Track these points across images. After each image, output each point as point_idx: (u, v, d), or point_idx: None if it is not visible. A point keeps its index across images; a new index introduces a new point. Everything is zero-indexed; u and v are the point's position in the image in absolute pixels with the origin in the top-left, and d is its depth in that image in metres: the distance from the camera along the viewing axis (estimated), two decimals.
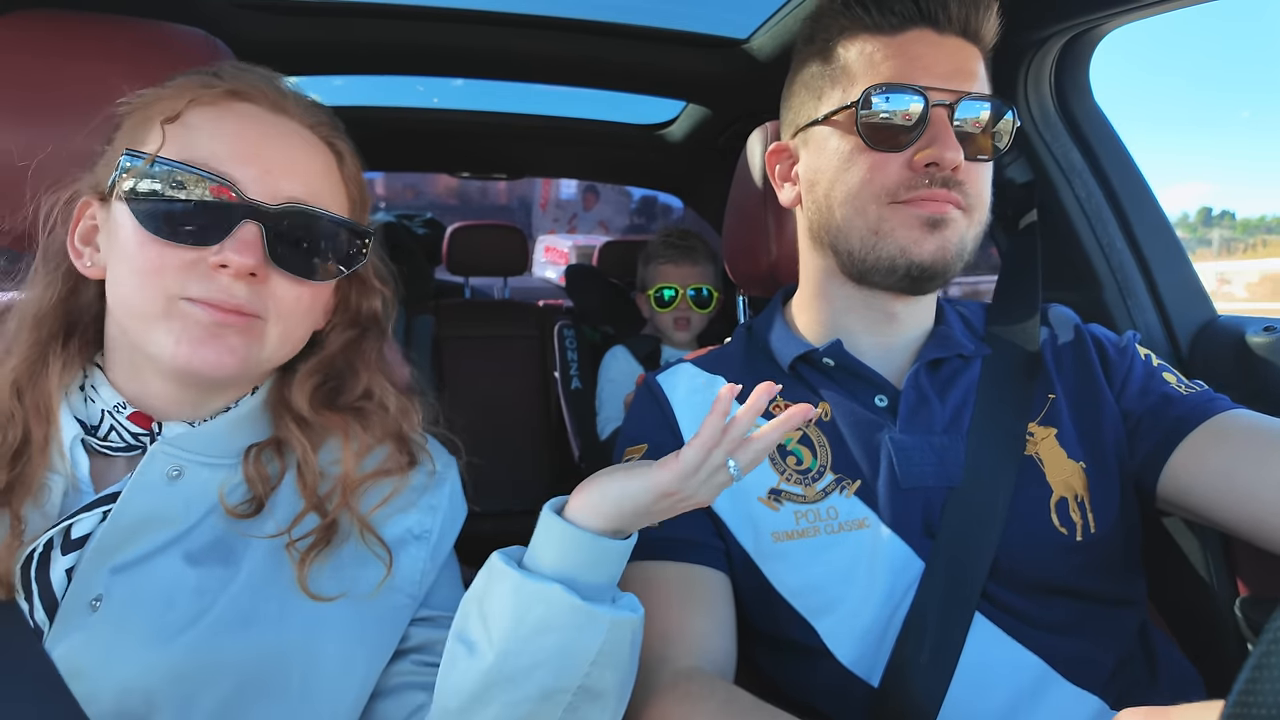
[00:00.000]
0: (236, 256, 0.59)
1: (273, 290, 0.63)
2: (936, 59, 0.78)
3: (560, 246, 7.74)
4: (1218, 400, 0.80)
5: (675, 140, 2.28)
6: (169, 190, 0.60)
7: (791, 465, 0.81)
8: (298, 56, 1.64)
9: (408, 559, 0.71)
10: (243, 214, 0.61)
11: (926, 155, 0.76)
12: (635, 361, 2.08)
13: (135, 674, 0.58)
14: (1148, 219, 1.16)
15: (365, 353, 0.74)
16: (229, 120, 0.63)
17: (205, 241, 0.60)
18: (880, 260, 0.79)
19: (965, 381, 0.84)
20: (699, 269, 2.10)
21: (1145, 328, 1.12)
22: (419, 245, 2.91)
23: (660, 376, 0.93)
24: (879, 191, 0.78)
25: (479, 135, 2.32)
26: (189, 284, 0.60)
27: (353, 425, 0.71)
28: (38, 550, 0.59)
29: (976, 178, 0.79)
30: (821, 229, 0.85)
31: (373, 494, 0.70)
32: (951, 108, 0.76)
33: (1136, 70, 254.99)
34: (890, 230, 0.78)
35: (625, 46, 1.64)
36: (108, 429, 0.65)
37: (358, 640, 0.66)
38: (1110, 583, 0.77)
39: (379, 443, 0.72)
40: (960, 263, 0.80)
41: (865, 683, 0.74)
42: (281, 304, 0.64)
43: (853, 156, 0.80)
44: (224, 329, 0.61)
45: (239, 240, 0.60)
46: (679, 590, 0.78)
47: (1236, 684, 0.32)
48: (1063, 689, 0.72)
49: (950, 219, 0.77)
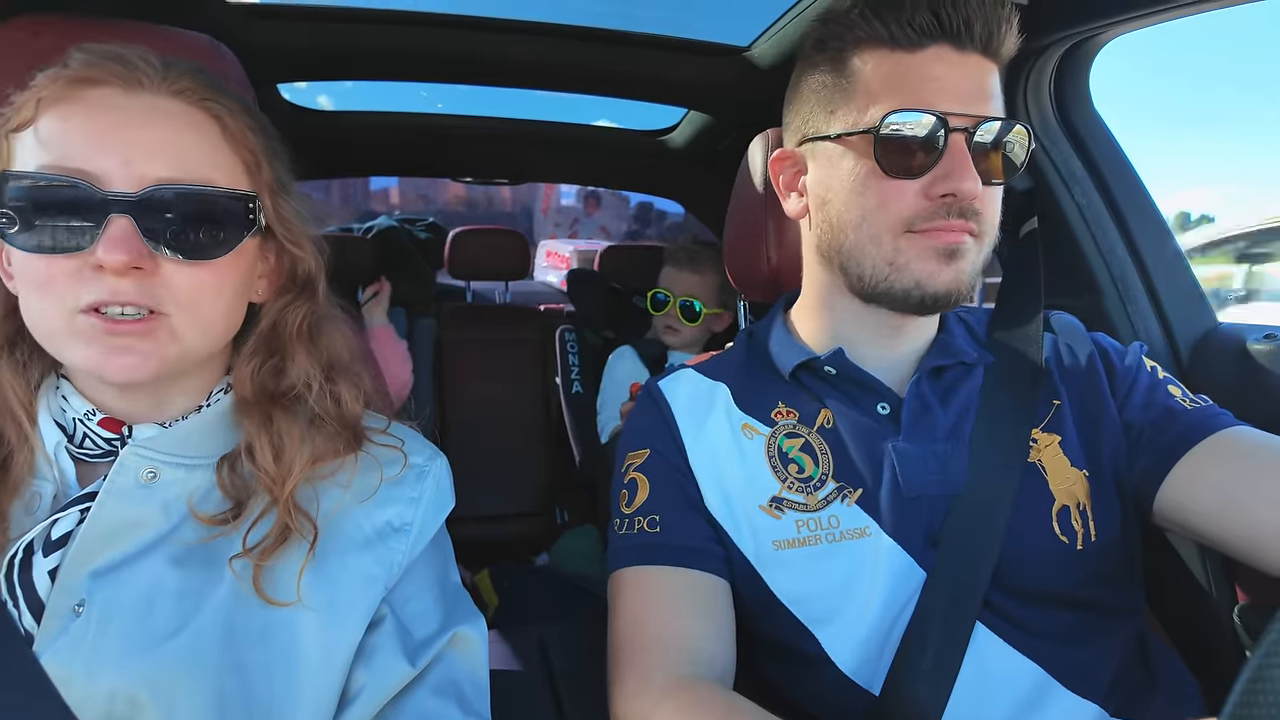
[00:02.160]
0: (109, 255, 0.57)
1: (166, 280, 0.60)
2: (957, 80, 0.75)
3: (562, 251, 7.72)
4: (1221, 416, 0.78)
5: (677, 147, 2.28)
6: (29, 203, 0.58)
7: (793, 473, 0.81)
8: (303, 62, 1.65)
9: (386, 551, 0.70)
10: (107, 209, 0.58)
11: (944, 186, 0.74)
12: (642, 363, 2.07)
13: (120, 681, 0.57)
14: (1148, 226, 1.16)
15: (294, 323, 0.71)
16: (79, 112, 0.59)
17: (81, 246, 0.58)
18: (894, 289, 0.78)
19: (968, 389, 0.84)
20: (699, 279, 2.07)
21: (1146, 335, 1.12)
22: (421, 249, 2.91)
23: (662, 382, 0.93)
24: (895, 222, 0.76)
25: (482, 140, 2.32)
26: (80, 293, 0.58)
27: (292, 410, 0.69)
28: (18, 555, 0.59)
29: (991, 204, 0.78)
30: (831, 249, 0.83)
31: (327, 485, 0.69)
32: (970, 133, 0.74)
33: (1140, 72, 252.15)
34: (906, 263, 0.76)
35: (627, 54, 1.64)
36: (81, 436, 0.65)
37: (337, 637, 0.65)
38: (1110, 591, 0.77)
39: (322, 433, 0.69)
40: (971, 289, 0.79)
41: (866, 691, 0.74)
42: (180, 292, 0.61)
43: (867, 181, 0.77)
44: (124, 338, 0.59)
45: (109, 237, 0.57)
46: (678, 596, 0.78)
47: (1233, 693, 0.32)
48: (1063, 698, 0.72)
49: (965, 249, 0.76)
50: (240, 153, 0.66)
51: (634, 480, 0.86)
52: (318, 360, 0.72)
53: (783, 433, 0.84)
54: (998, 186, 0.79)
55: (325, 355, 0.72)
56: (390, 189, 5.00)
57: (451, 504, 0.78)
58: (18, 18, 0.80)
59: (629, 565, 0.81)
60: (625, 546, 0.83)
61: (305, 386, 0.70)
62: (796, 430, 0.84)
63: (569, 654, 1.13)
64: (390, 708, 0.67)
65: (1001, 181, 0.79)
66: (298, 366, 0.70)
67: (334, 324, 0.75)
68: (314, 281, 0.73)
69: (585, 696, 0.98)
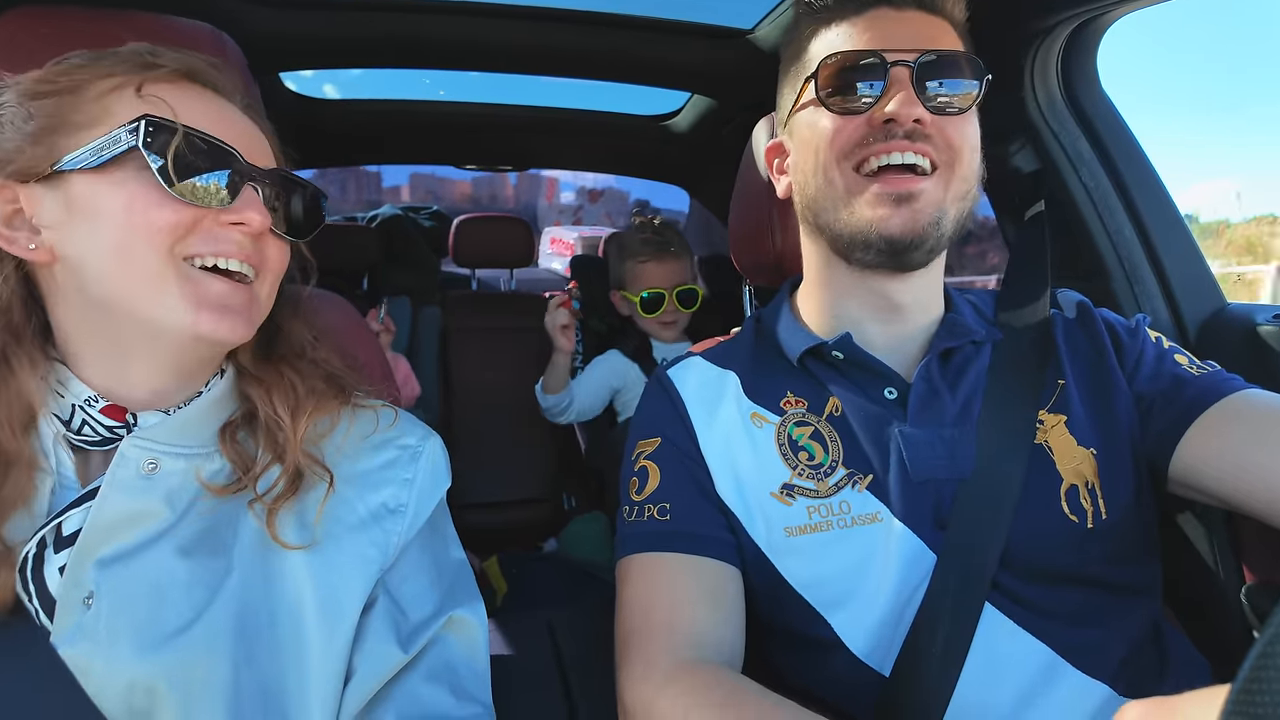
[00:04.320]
0: (256, 215, 0.64)
1: (265, 249, 0.68)
2: (895, 29, 0.79)
3: (566, 238, 7.71)
4: (1231, 380, 0.79)
5: (680, 131, 2.27)
6: (185, 152, 0.61)
7: (804, 461, 0.81)
8: (304, 50, 1.64)
9: (381, 534, 0.71)
10: (248, 176, 0.65)
11: (883, 111, 0.76)
12: (627, 360, 2.03)
13: (138, 672, 0.58)
14: (1156, 208, 1.15)
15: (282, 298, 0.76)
16: (191, 97, 0.65)
17: (210, 203, 0.63)
18: (855, 233, 0.79)
19: (976, 370, 0.84)
20: (680, 263, 2.03)
21: (1154, 316, 1.11)
22: (425, 237, 2.91)
23: (671, 370, 0.93)
24: (840, 153, 0.79)
25: (485, 127, 2.31)
26: (195, 242, 0.62)
27: (287, 373, 0.73)
28: (31, 551, 0.59)
29: (950, 130, 0.78)
30: (805, 209, 0.86)
31: (326, 442, 0.73)
32: (912, 67, 0.76)
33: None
34: (857, 206, 0.78)
35: (630, 38, 1.64)
36: (80, 423, 0.64)
37: (336, 620, 0.66)
38: (1121, 571, 0.77)
39: (317, 392, 0.74)
40: (938, 231, 0.78)
41: (877, 674, 0.75)
42: (270, 263, 0.69)
43: (818, 124, 0.81)
44: (236, 296, 0.64)
45: (252, 202, 0.65)
46: (686, 582, 0.79)
47: (1241, 671, 0.31)
48: (1072, 678, 0.73)
49: (918, 191, 0.76)
50: (280, 162, 0.74)
51: (644, 468, 0.86)
52: (308, 327, 0.78)
53: (792, 421, 0.84)
54: (955, 116, 0.78)
55: (314, 326, 0.79)
56: (401, 187, 5.18)
57: (447, 483, 0.78)
58: (19, 7, 0.80)
59: (638, 552, 0.82)
60: (634, 533, 0.83)
61: (300, 346, 0.76)
62: (806, 419, 0.84)
63: (578, 639, 1.14)
64: (383, 692, 0.68)
65: (957, 110, 0.78)
66: (291, 332, 0.76)
67: (314, 300, 0.81)
68: (308, 261, 0.79)
69: (593, 681, 0.99)
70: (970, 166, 0.80)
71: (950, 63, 0.78)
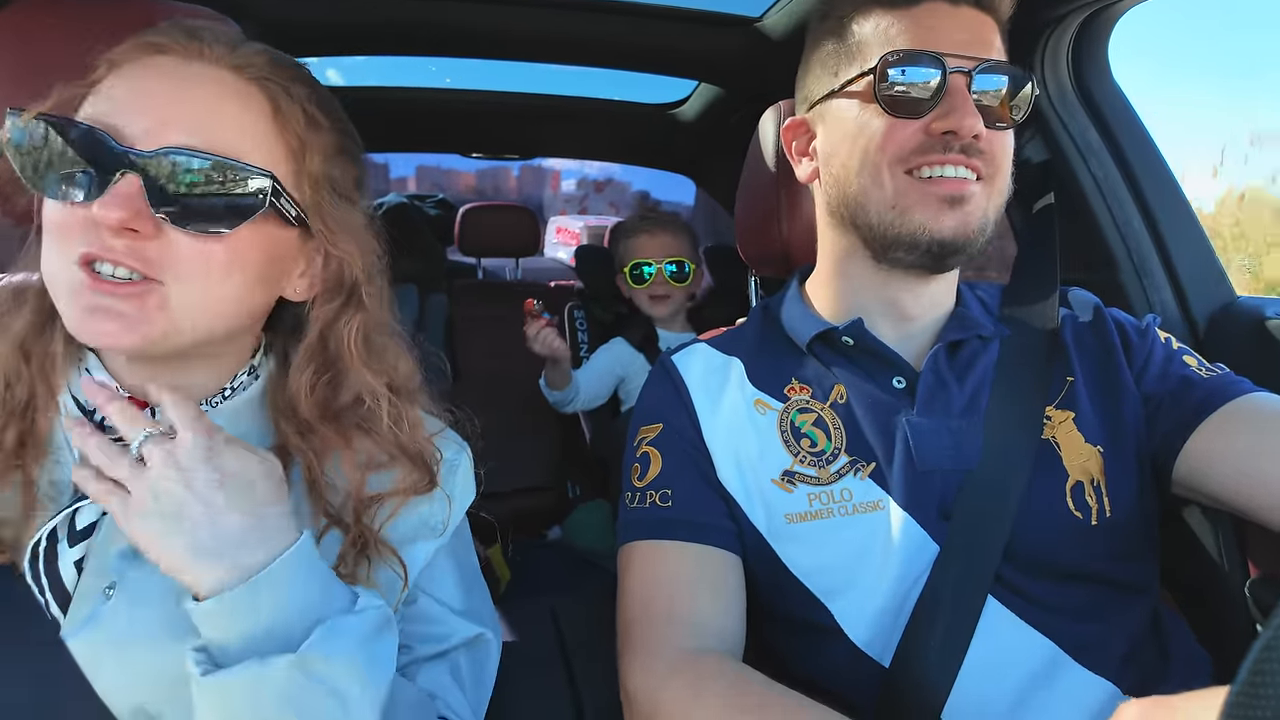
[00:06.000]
0: (103, 209, 0.54)
1: (170, 248, 0.57)
2: (952, 29, 0.77)
3: (572, 227, 7.69)
4: (1239, 383, 0.79)
5: (687, 120, 2.26)
6: (56, 150, 0.56)
7: (806, 448, 0.81)
8: (308, 37, 1.64)
9: (419, 551, 0.70)
10: (117, 164, 0.56)
11: (945, 124, 0.75)
12: (633, 349, 2.05)
13: (156, 667, 0.57)
14: (1166, 199, 1.14)
15: (344, 332, 0.67)
16: (135, 74, 0.59)
17: (91, 197, 0.55)
18: (901, 235, 0.78)
19: (984, 363, 0.84)
20: (675, 239, 2.06)
21: (1162, 309, 1.11)
22: (431, 226, 2.90)
23: (675, 357, 0.93)
24: (894, 158, 0.78)
25: (491, 115, 2.31)
26: (76, 244, 0.56)
27: (356, 437, 0.66)
28: (42, 543, 0.59)
29: (997, 145, 0.79)
30: (840, 204, 0.84)
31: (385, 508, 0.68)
32: (969, 75, 0.76)
33: None
34: (909, 206, 0.77)
35: (637, 25, 1.62)
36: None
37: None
38: (1124, 567, 0.77)
39: (391, 460, 0.68)
40: (983, 237, 0.79)
41: (877, 663, 0.75)
42: (183, 264, 0.57)
43: (870, 124, 0.79)
44: (106, 299, 0.56)
45: (112, 192, 0.55)
46: (687, 571, 0.79)
47: (1243, 667, 0.31)
48: (1074, 673, 0.73)
49: (969, 194, 0.77)
50: (287, 136, 0.63)
51: (646, 454, 0.86)
52: (379, 376, 0.68)
53: (795, 408, 0.84)
54: (1004, 131, 0.80)
55: (386, 374, 0.69)
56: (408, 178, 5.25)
57: (474, 495, 0.78)
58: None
59: (639, 539, 0.82)
60: (636, 520, 0.83)
61: (372, 401, 0.67)
62: (809, 406, 0.84)
63: (581, 625, 1.14)
64: (409, 670, 0.69)
65: (1006, 125, 0.79)
66: (356, 380, 0.67)
67: (395, 340, 0.72)
68: (359, 289, 0.68)
69: (596, 666, 1.00)
70: (1007, 178, 0.81)
71: (1006, 75, 0.78)
